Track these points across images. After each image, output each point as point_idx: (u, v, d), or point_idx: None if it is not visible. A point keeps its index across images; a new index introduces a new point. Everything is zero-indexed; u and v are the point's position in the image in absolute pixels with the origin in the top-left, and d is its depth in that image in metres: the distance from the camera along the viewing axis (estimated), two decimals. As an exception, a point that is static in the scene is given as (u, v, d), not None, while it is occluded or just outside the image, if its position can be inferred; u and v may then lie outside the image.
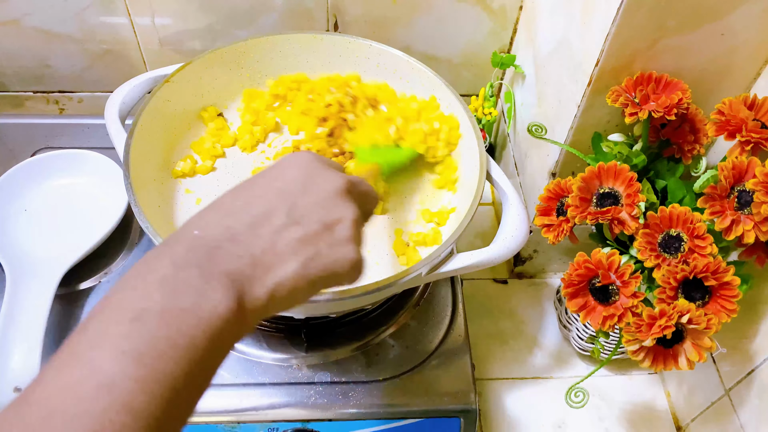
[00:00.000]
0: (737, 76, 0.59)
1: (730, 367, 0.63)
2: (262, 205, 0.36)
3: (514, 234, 0.57)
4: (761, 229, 0.49)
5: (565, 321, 0.75)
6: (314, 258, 0.35)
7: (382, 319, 0.64)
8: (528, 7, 0.77)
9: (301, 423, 0.59)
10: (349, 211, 0.38)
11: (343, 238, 0.37)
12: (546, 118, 0.69)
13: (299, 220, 0.36)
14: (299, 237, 0.35)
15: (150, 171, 0.63)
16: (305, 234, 0.36)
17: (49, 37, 0.79)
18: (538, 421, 0.72)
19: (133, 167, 0.57)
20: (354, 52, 0.71)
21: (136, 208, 0.54)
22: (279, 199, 0.36)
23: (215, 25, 0.79)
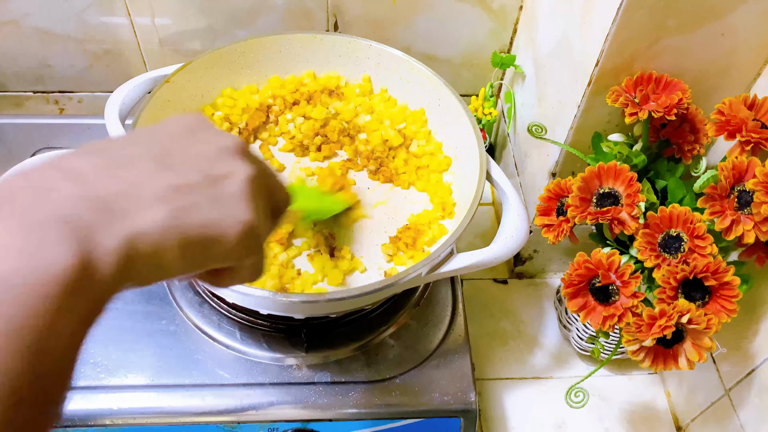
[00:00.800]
0: (737, 76, 0.59)
1: (730, 367, 0.63)
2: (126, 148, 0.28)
3: (514, 234, 0.57)
4: (761, 229, 0.49)
5: (565, 321, 0.75)
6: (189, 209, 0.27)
7: (382, 319, 0.64)
8: (528, 7, 0.77)
9: (301, 423, 0.59)
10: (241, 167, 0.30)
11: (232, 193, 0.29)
12: (546, 118, 0.69)
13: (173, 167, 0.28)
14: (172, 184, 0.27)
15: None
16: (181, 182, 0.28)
17: (49, 37, 0.79)
18: (538, 421, 0.72)
19: (133, 167, 0.57)
20: (354, 52, 0.71)
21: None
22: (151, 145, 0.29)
23: (215, 25, 0.79)
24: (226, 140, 0.31)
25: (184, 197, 0.27)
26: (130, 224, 0.25)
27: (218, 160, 0.30)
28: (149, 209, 0.26)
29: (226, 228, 0.29)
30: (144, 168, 0.27)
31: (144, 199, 0.26)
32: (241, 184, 0.30)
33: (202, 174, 0.29)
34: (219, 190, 0.29)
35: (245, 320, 0.63)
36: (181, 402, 0.58)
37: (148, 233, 0.26)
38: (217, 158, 0.30)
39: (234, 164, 0.30)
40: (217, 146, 0.30)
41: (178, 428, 0.58)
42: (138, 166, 0.27)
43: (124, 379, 0.59)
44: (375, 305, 0.64)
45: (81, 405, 0.57)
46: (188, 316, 0.63)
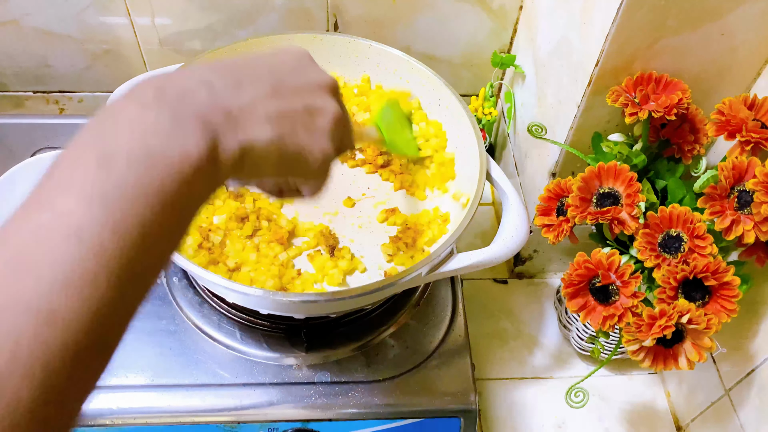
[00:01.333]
0: (737, 76, 0.59)
1: (730, 367, 0.63)
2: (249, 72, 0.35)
3: (514, 234, 0.57)
4: (761, 229, 0.49)
5: (565, 321, 0.75)
6: (291, 134, 0.35)
7: (382, 319, 0.64)
8: (528, 7, 0.77)
9: (301, 423, 0.59)
10: (333, 105, 0.37)
11: (322, 127, 0.36)
12: (546, 118, 0.69)
13: (283, 95, 0.35)
14: (280, 110, 0.34)
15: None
16: (287, 109, 0.35)
17: (49, 37, 0.79)
18: (538, 421, 0.72)
19: (133, 167, 0.57)
20: (354, 52, 0.71)
21: (136, 208, 0.54)
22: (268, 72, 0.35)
23: (215, 25, 0.79)
24: (325, 78, 0.38)
25: (287, 122, 0.34)
26: (246, 135, 0.32)
27: (317, 94, 0.37)
28: (261, 126, 0.33)
29: (311, 153, 0.36)
30: (261, 91, 0.34)
31: (258, 117, 0.33)
32: (329, 120, 0.37)
33: (303, 104, 0.36)
34: (313, 122, 0.36)
35: (245, 320, 0.63)
36: (181, 402, 0.58)
37: (257, 145, 0.33)
38: (316, 92, 0.37)
39: (327, 101, 0.37)
40: (317, 82, 0.37)
41: (178, 428, 0.58)
42: (257, 88, 0.34)
43: (124, 379, 0.59)
44: (375, 305, 0.64)
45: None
46: (188, 316, 0.63)
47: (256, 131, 0.33)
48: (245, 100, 0.33)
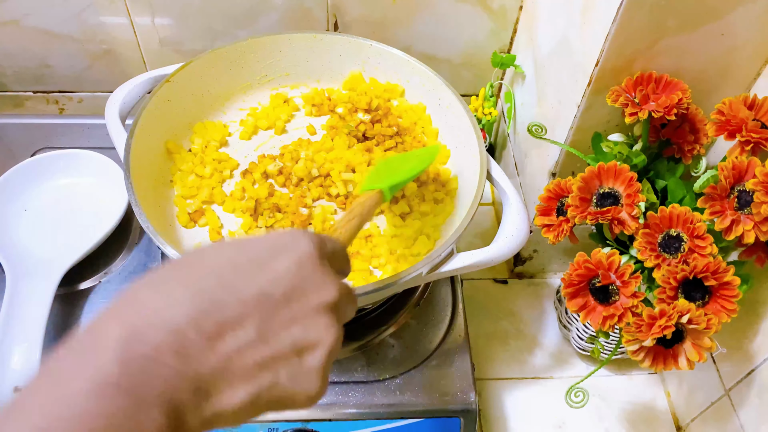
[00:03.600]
0: (737, 76, 0.59)
1: (730, 367, 0.63)
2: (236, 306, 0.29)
3: (514, 234, 0.57)
4: (761, 229, 0.49)
5: (565, 321, 0.75)
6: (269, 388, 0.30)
7: (382, 319, 0.64)
8: (528, 7, 0.77)
9: (301, 423, 0.59)
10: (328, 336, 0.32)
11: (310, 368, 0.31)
12: (546, 118, 0.69)
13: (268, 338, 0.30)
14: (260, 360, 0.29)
15: (150, 171, 0.63)
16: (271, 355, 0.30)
17: (49, 37, 0.79)
18: (538, 421, 0.72)
19: (133, 167, 0.57)
20: (354, 52, 0.71)
21: (137, 208, 0.54)
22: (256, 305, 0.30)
23: (215, 25, 0.79)
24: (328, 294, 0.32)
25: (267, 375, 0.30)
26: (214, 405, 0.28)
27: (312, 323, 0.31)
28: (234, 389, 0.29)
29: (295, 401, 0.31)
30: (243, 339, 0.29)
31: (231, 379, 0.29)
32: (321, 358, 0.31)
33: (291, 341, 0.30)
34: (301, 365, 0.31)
35: (245, 320, 0.63)
36: (181, 402, 0.58)
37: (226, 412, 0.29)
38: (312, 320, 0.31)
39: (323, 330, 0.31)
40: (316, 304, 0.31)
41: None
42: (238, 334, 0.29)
43: (124, 379, 0.59)
44: (375, 305, 0.64)
45: (81, 405, 0.57)
46: (188, 316, 0.63)
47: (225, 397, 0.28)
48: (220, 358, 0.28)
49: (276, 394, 0.30)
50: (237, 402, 0.29)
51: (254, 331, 0.29)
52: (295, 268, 0.31)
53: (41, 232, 0.67)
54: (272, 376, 0.30)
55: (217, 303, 0.29)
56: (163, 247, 0.53)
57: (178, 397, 0.27)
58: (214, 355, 0.28)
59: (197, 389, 0.28)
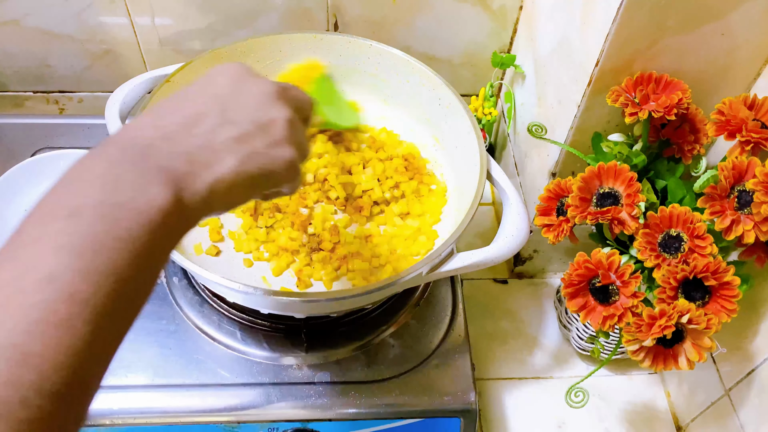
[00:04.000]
0: (737, 76, 0.59)
1: (730, 367, 0.63)
2: (195, 107, 0.36)
3: (514, 234, 0.57)
4: (761, 229, 0.49)
5: (565, 321, 0.75)
6: (251, 156, 0.36)
7: (382, 319, 0.64)
8: (528, 7, 0.77)
9: (301, 423, 0.59)
10: (282, 112, 0.38)
11: (278, 138, 0.37)
12: (546, 118, 0.69)
13: (233, 120, 0.36)
14: (234, 136, 0.35)
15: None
16: (240, 133, 0.36)
17: (49, 37, 0.79)
18: (538, 421, 0.72)
19: (133, 167, 0.57)
20: (354, 52, 0.71)
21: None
22: (212, 102, 0.36)
23: (215, 25, 0.79)
24: (264, 86, 0.38)
25: (245, 146, 0.36)
26: (211, 173, 0.34)
27: (263, 108, 0.37)
28: (223, 160, 0.34)
29: (277, 166, 0.37)
30: (211, 123, 0.35)
31: (217, 152, 0.34)
32: (282, 128, 0.37)
33: (254, 124, 0.36)
34: (269, 136, 0.37)
35: (245, 320, 0.63)
36: (181, 402, 0.58)
37: (223, 179, 0.34)
38: (262, 105, 0.37)
39: (275, 109, 0.38)
40: (260, 94, 0.38)
41: (178, 428, 0.58)
42: (207, 122, 0.35)
43: (124, 379, 0.59)
44: (375, 305, 0.64)
45: (81, 405, 0.57)
46: (188, 316, 0.63)
47: (218, 167, 0.34)
48: (201, 138, 0.35)
49: (259, 160, 0.36)
50: (229, 168, 0.34)
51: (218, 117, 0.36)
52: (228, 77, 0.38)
53: (41, 232, 0.67)
54: (249, 147, 0.36)
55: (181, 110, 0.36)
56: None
57: (176, 166, 0.33)
58: (195, 137, 0.34)
59: (191, 160, 0.33)
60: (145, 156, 0.32)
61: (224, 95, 0.37)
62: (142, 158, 0.32)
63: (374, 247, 0.62)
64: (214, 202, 0.34)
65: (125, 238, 0.29)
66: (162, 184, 0.31)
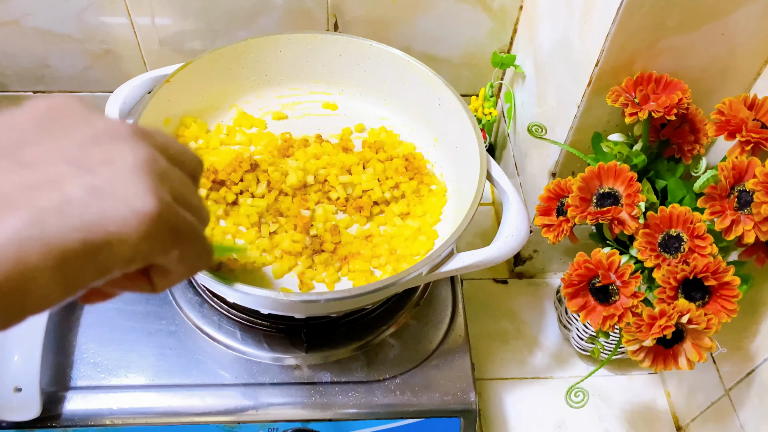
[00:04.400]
0: (737, 76, 0.59)
1: (730, 367, 0.63)
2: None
3: (514, 234, 0.57)
4: (761, 229, 0.49)
5: (565, 321, 0.75)
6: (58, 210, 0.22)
7: (382, 319, 0.64)
8: (528, 7, 0.77)
9: (301, 423, 0.59)
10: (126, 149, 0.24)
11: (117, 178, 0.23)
12: (546, 118, 0.69)
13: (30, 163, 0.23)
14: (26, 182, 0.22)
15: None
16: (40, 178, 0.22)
17: (49, 37, 0.79)
18: (538, 421, 0.72)
19: (133, 167, 0.57)
20: (354, 52, 0.71)
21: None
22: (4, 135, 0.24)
23: (215, 25, 0.79)
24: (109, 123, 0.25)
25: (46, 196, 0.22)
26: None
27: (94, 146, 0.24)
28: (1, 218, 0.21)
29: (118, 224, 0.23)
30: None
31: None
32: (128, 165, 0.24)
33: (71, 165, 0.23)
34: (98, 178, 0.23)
35: (245, 320, 0.63)
36: (181, 402, 0.58)
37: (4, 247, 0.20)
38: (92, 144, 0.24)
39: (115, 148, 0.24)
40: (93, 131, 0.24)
41: (178, 428, 0.58)
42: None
43: (124, 379, 0.59)
44: (375, 305, 0.64)
45: (81, 405, 0.57)
46: (188, 316, 0.63)
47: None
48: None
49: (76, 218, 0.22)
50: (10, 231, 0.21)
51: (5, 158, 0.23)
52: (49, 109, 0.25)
53: (41, 232, 0.67)
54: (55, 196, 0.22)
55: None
56: (163, 247, 0.53)
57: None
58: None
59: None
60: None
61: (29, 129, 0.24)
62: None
63: (374, 248, 0.62)
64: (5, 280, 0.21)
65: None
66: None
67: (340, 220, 0.64)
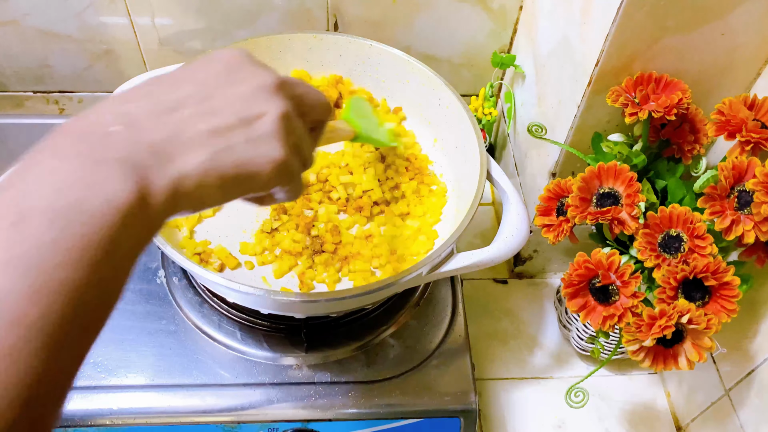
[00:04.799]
0: (737, 76, 0.59)
1: (730, 367, 0.63)
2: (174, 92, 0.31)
3: (514, 234, 0.57)
4: (761, 229, 0.49)
5: (565, 321, 0.75)
6: (226, 151, 0.31)
7: (382, 319, 0.64)
8: (528, 7, 0.77)
9: (301, 423, 0.59)
10: (275, 106, 0.33)
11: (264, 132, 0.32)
12: (546, 118, 0.69)
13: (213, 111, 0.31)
14: (210, 128, 0.31)
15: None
16: (217, 125, 0.31)
17: (49, 37, 0.79)
18: (538, 421, 0.72)
19: (133, 167, 0.57)
20: (354, 52, 0.71)
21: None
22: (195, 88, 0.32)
23: (215, 25, 0.79)
24: (263, 77, 0.34)
25: (221, 140, 0.31)
26: (175, 167, 0.29)
27: (253, 100, 0.33)
28: (191, 153, 0.30)
29: (259, 166, 0.32)
30: (187, 113, 0.31)
31: (186, 144, 0.30)
32: (272, 123, 0.32)
33: (237, 116, 0.32)
34: (252, 131, 0.32)
35: (245, 320, 0.63)
36: (181, 402, 0.58)
37: (190, 175, 0.30)
38: (252, 98, 0.33)
39: (267, 103, 0.33)
40: (253, 85, 0.33)
41: (178, 428, 0.58)
42: (182, 111, 0.31)
43: (124, 379, 0.59)
44: (375, 305, 0.64)
45: (81, 405, 0.57)
46: (188, 316, 0.63)
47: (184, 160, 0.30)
48: (170, 127, 0.30)
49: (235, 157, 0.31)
50: (198, 162, 0.30)
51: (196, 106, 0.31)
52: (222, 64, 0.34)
53: (41, 232, 0.67)
54: (226, 141, 0.31)
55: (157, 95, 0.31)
56: (163, 246, 0.53)
57: (137, 158, 0.28)
58: (164, 125, 0.30)
59: (155, 152, 0.29)
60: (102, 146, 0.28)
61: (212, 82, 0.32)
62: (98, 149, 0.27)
63: (374, 248, 0.62)
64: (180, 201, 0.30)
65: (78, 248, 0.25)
66: (121, 180, 0.27)
67: (342, 221, 0.64)
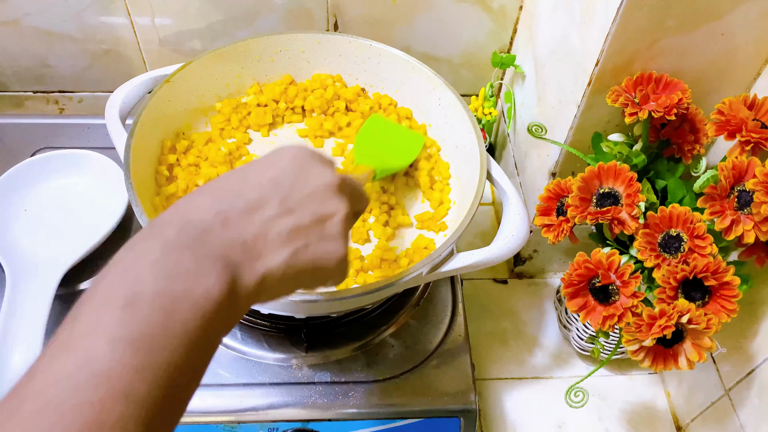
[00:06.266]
0: (737, 76, 0.59)
1: (730, 367, 0.63)
2: (256, 192, 0.36)
3: (514, 234, 0.57)
4: (761, 229, 0.49)
5: (565, 321, 0.75)
6: (304, 249, 0.36)
7: (382, 319, 0.64)
8: (528, 7, 0.77)
9: (301, 423, 0.59)
10: (341, 206, 0.38)
11: (333, 232, 0.37)
12: (546, 118, 0.69)
13: (292, 210, 0.36)
14: (291, 227, 0.35)
15: (150, 170, 0.63)
16: (297, 224, 0.35)
17: (49, 37, 0.79)
18: (538, 421, 0.72)
19: (133, 167, 0.57)
20: (354, 52, 0.71)
21: (137, 207, 0.54)
22: (273, 188, 0.36)
23: (215, 25, 0.79)
24: (328, 177, 0.38)
25: (300, 239, 0.36)
26: (263, 264, 0.34)
27: (322, 200, 0.37)
28: (276, 251, 0.34)
29: (327, 261, 0.37)
30: (271, 211, 0.35)
31: (272, 241, 0.34)
32: (339, 224, 0.38)
33: (313, 215, 0.36)
34: (324, 230, 0.37)
35: (246, 320, 0.63)
36: (181, 402, 0.58)
37: (274, 271, 0.34)
38: (321, 198, 0.37)
39: (334, 203, 0.38)
40: (320, 184, 0.37)
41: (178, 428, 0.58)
42: (266, 210, 0.35)
43: (124, 379, 0.59)
44: (375, 305, 0.64)
45: (81, 405, 0.57)
46: (188, 316, 0.63)
47: (270, 258, 0.34)
48: (258, 226, 0.34)
49: (311, 255, 0.36)
50: (281, 261, 0.34)
51: (278, 206, 0.35)
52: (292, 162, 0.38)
53: (41, 232, 0.67)
54: (304, 240, 0.36)
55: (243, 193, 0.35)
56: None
57: (232, 255, 0.32)
58: (252, 225, 0.34)
59: (246, 249, 0.33)
60: (203, 242, 0.32)
61: (286, 182, 0.36)
62: (199, 244, 0.31)
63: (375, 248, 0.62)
64: (263, 293, 0.34)
65: (180, 332, 0.28)
66: (218, 275, 0.31)
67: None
